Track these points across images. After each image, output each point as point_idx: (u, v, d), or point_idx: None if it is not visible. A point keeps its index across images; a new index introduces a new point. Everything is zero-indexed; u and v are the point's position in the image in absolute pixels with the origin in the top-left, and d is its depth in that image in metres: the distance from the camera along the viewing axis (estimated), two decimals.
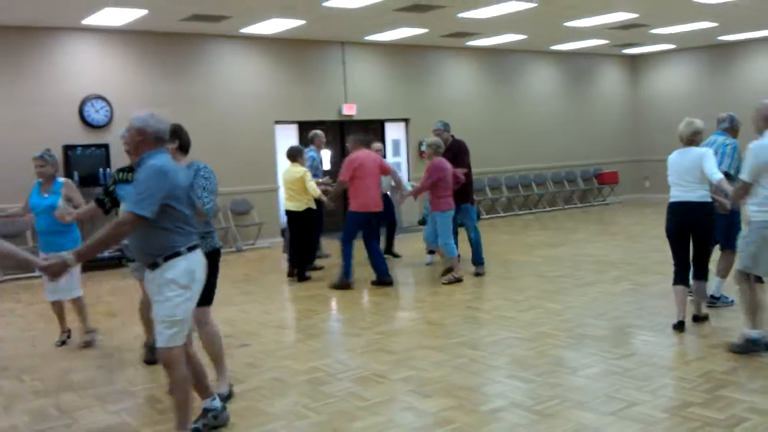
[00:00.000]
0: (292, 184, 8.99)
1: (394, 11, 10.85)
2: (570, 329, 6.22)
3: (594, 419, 4.21)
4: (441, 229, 8.49)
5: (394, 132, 14.97)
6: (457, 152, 8.93)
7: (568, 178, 17.19)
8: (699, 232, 5.86)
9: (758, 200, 5.18)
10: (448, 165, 8.49)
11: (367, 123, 14.37)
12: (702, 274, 5.99)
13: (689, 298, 6.09)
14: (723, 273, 6.62)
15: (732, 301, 6.60)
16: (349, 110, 13.68)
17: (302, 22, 11.33)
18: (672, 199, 5.92)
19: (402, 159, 14.97)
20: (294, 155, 9.14)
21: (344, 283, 8.45)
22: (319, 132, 10.50)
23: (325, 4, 10.06)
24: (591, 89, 17.82)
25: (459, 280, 8.47)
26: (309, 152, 9.88)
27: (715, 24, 13.61)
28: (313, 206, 9.16)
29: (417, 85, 14.80)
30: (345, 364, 5.53)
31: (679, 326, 5.93)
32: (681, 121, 5.99)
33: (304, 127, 13.12)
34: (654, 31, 14.14)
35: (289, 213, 9.14)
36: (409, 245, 11.49)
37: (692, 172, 5.75)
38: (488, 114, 15.82)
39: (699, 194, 5.77)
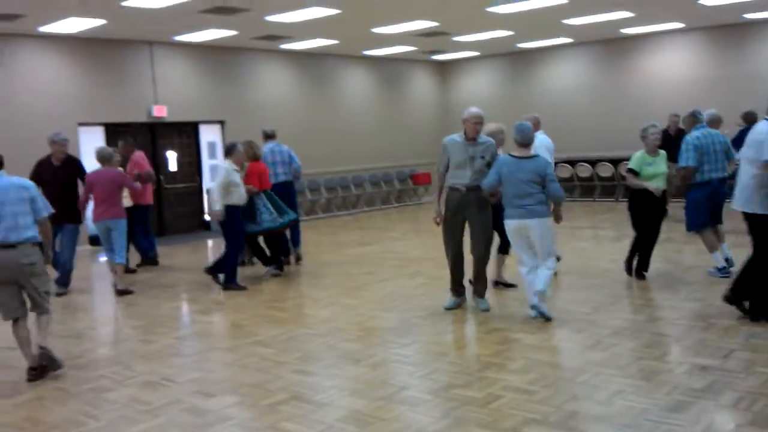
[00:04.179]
0: None
1: (199, 13, 10.75)
2: (361, 323, 6.52)
3: (365, 404, 4.49)
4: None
5: (209, 134, 14.82)
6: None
7: (384, 179, 17.77)
8: None
9: None
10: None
11: (180, 125, 14.13)
12: None
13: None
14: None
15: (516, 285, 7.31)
16: (160, 112, 13.37)
17: (103, 21, 10.96)
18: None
19: (219, 161, 14.81)
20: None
21: None
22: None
23: (123, 3, 9.79)
24: (404, 93, 18.51)
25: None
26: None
27: (511, 32, 14.62)
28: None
29: (232, 87, 14.72)
30: (133, 371, 5.48)
31: None
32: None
33: (111, 129, 12.71)
34: (456, 38, 14.97)
35: None
36: None
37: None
38: (306, 117, 16.03)
39: None
